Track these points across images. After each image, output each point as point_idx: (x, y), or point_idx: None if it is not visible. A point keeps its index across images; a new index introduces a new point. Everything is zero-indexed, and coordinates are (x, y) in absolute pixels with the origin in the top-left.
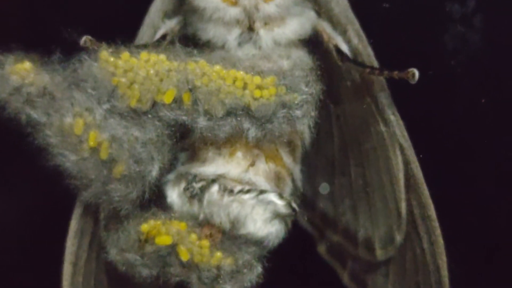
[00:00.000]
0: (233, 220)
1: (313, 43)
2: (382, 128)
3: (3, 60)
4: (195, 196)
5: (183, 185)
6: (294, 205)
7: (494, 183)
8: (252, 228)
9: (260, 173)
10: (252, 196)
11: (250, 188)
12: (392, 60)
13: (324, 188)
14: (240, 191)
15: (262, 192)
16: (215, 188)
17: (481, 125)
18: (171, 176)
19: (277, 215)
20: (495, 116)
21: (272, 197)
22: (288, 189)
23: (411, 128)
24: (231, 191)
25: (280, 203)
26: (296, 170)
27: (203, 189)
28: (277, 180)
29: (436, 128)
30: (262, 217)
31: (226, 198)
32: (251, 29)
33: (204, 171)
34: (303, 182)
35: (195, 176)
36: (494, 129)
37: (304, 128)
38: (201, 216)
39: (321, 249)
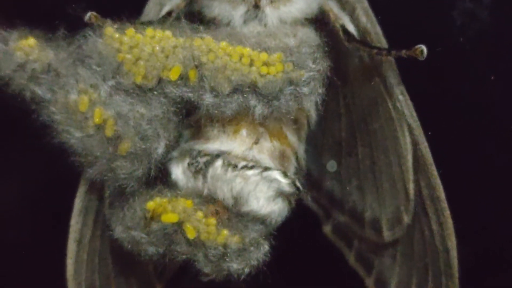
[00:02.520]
0: (236, 195)
1: (319, 22)
2: (391, 108)
3: (7, 37)
4: (199, 171)
5: (187, 160)
6: (298, 184)
7: (505, 162)
8: (255, 205)
9: (264, 151)
10: (256, 173)
11: (254, 165)
12: (400, 37)
13: (331, 165)
14: (244, 167)
15: (266, 169)
16: (219, 162)
17: (490, 102)
18: (175, 153)
19: (280, 193)
20: (504, 93)
21: (276, 174)
22: (292, 168)
23: (419, 105)
24: (235, 166)
25: (284, 181)
26: (301, 149)
27: (207, 164)
28: (282, 158)
29: (445, 105)
30: (265, 194)
31: (230, 173)
32: (256, 6)
33: (208, 147)
34: (310, 162)
35: (199, 151)
36: (503, 106)
37: (311, 106)
38: (205, 192)
39: (327, 229)
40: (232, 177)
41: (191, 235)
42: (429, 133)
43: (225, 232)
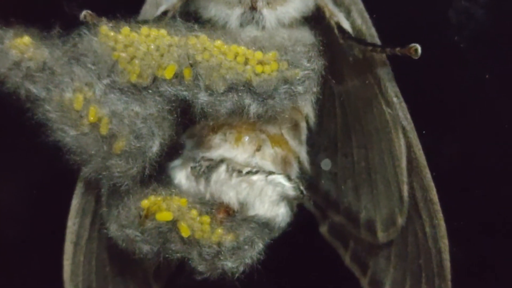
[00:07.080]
0: (242, 201)
1: (315, 19)
2: (385, 110)
3: (3, 35)
4: (202, 175)
5: (190, 164)
6: (301, 187)
7: (499, 164)
8: (261, 209)
9: (266, 157)
10: (261, 178)
11: (259, 170)
12: (395, 36)
13: (325, 164)
14: (249, 172)
15: (270, 173)
16: (223, 168)
17: (485, 101)
18: (178, 162)
19: (285, 197)
20: (499, 92)
21: (281, 178)
22: (294, 172)
23: (412, 105)
24: (239, 172)
25: (288, 185)
26: (303, 152)
27: (210, 168)
28: (284, 163)
29: (438, 105)
30: (270, 198)
31: (235, 179)
32: (253, 8)
33: (211, 154)
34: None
35: (202, 156)
36: (498, 106)
37: (308, 108)
38: (208, 196)
39: (323, 229)
40: (237, 182)
41: (185, 233)
42: (423, 132)
43: (219, 230)
